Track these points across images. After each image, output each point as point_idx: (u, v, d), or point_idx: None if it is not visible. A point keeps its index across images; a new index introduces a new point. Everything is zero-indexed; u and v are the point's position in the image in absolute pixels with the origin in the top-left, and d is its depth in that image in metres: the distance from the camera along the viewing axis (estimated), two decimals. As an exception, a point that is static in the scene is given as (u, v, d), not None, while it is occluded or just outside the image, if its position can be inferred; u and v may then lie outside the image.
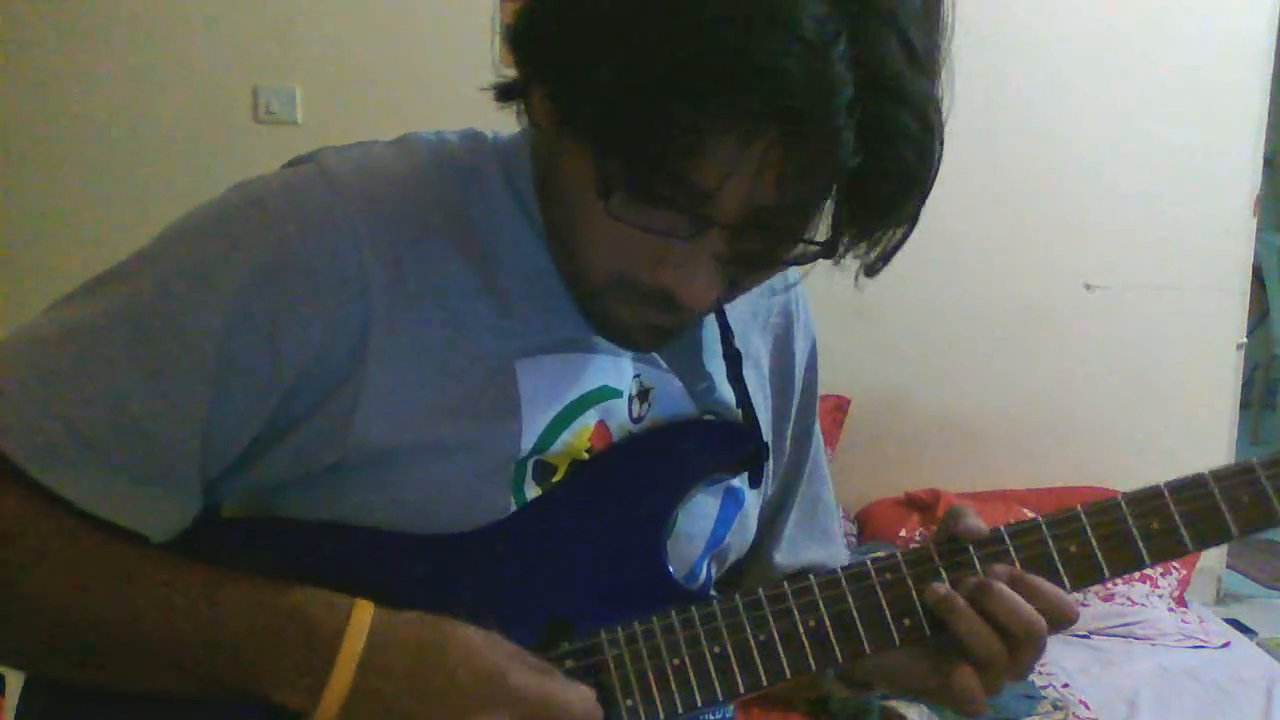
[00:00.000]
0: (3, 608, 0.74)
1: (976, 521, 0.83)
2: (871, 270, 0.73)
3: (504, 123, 0.82)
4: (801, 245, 0.71)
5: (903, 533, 3.10)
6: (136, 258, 0.77)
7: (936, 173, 0.69)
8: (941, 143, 0.68)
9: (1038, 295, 3.32)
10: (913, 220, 0.71)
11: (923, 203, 0.70)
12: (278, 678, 0.72)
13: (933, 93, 0.68)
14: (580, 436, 0.82)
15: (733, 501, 0.91)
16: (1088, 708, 2.51)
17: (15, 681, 0.84)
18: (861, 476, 3.16)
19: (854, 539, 3.12)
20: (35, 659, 0.78)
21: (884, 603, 0.82)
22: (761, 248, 0.72)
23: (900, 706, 2.35)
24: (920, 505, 3.19)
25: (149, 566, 0.75)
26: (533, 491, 0.80)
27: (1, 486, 0.73)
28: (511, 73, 0.75)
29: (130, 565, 0.75)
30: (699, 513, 0.89)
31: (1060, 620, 0.80)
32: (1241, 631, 3.09)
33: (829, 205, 0.70)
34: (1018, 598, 0.79)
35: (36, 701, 0.82)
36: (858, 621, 0.81)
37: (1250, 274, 3.45)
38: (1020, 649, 0.80)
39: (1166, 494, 0.82)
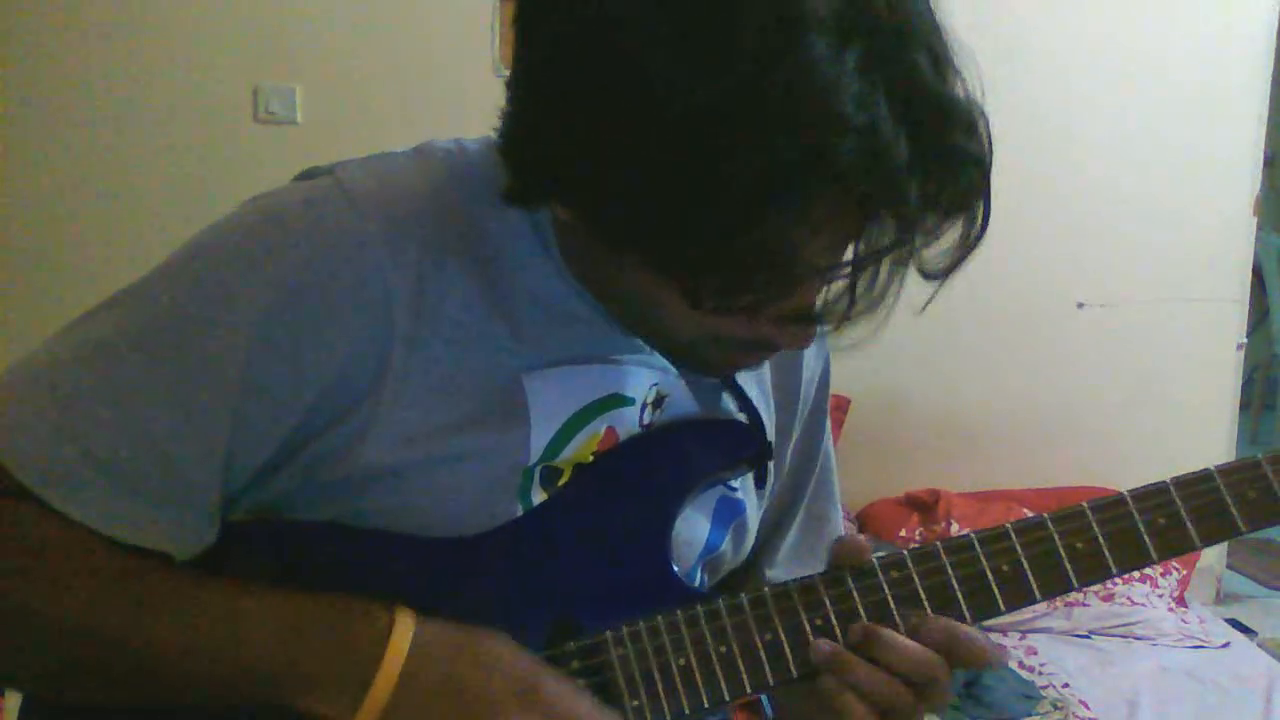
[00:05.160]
0: (25, 631, 0.73)
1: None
2: (943, 275, 0.72)
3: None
4: (894, 280, 0.70)
5: (902, 533, 3.10)
6: (153, 276, 0.76)
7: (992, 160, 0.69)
8: (989, 128, 0.69)
9: (1038, 296, 3.32)
10: (987, 212, 0.71)
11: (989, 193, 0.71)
12: (311, 689, 0.72)
13: (968, 89, 0.68)
14: (588, 443, 0.82)
15: (730, 510, 0.91)
16: (1088, 708, 2.51)
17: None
18: (861, 476, 3.16)
19: (854, 539, 3.12)
20: (54, 682, 0.77)
21: (890, 601, 0.81)
22: (852, 292, 0.71)
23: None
24: (920, 505, 3.20)
25: (169, 588, 0.74)
26: (539, 496, 0.80)
27: (21, 511, 0.72)
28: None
29: (149, 588, 0.74)
30: (695, 519, 0.88)
31: (969, 659, 0.78)
32: (1241, 631, 3.09)
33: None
34: (908, 643, 0.78)
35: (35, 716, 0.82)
36: (865, 620, 0.80)
37: (1250, 274, 3.45)
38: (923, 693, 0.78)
39: (1172, 490, 0.82)
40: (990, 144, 0.68)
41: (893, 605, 0.81)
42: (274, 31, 3.04)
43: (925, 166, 0.64)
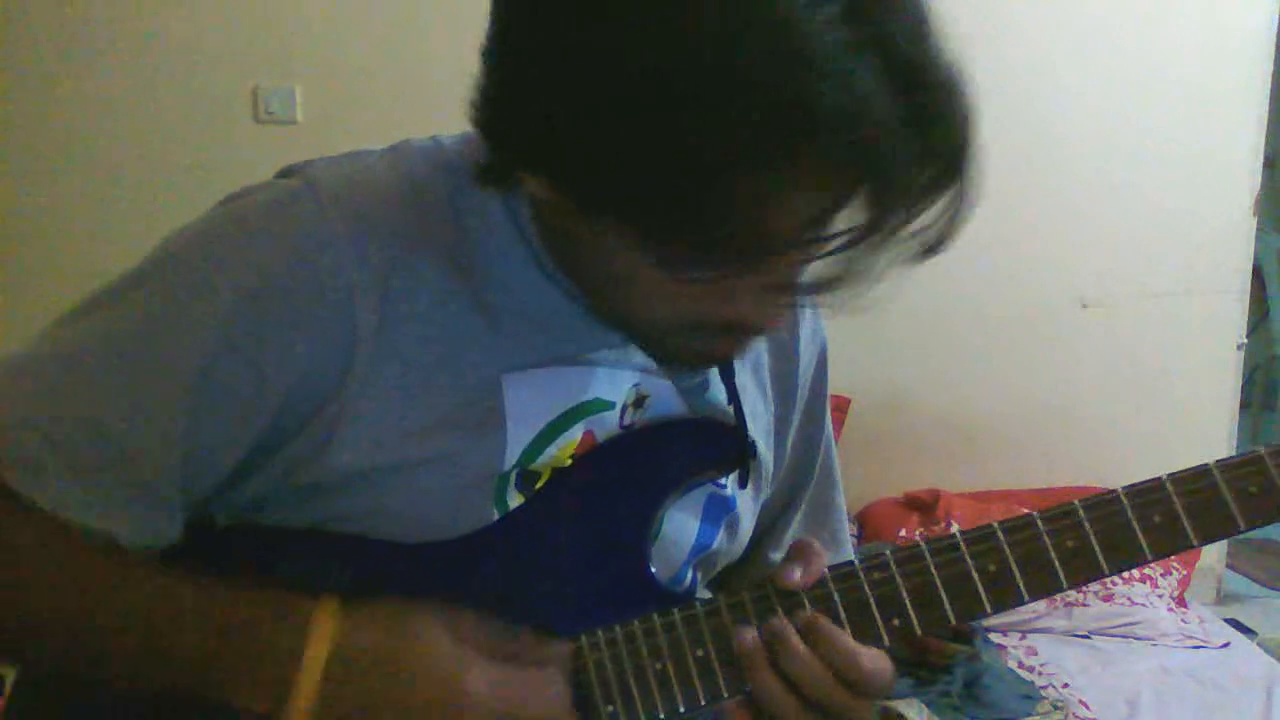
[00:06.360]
0: None
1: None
2: (933, 251, 0.68)
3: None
4: (878, 254, 0.66)
5: (902, 533, 3.10)
6: (125, 279, 0.77)
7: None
8: (973, 94, 0.66)
9: (1038, 296, 3.32)
10: (976, 180, 0.67)
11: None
12: (237, 686, 0.72)
13: (952, 55, 0.65)
14: (566, 447, 0.81)
15: (720, 508, 0.90)
16: (1088, 708, 2.51)
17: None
18: (861, 476, 3.16)
19: (854, 539, 3.13)
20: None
21: (871, 601, 0.79)
22: (835, 264, 0.67)
23: (899, 705, 2.35)
24: (920, 505, 3.19)
25: (108, 570, 0.75)
26: (515, 500, 0.80)
27: None
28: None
29: (90, 569, 0.75)
30: (682, 519, 0.87)
31: (863, 690, 0.76)
32: (1241, 631, 3.09)
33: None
34: (807, 655, 0.76)
35: (23, 703, 0.83)
36: (845, 622, 0.79)
37: (1250, 274, 3.45)
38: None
39: (1168, 486, 0.78)
40: (975, 111, 0.66)
41: (874, 606, 0.79)
42: (274, 31, 3.04)
43: (909, 122, 0.61)
